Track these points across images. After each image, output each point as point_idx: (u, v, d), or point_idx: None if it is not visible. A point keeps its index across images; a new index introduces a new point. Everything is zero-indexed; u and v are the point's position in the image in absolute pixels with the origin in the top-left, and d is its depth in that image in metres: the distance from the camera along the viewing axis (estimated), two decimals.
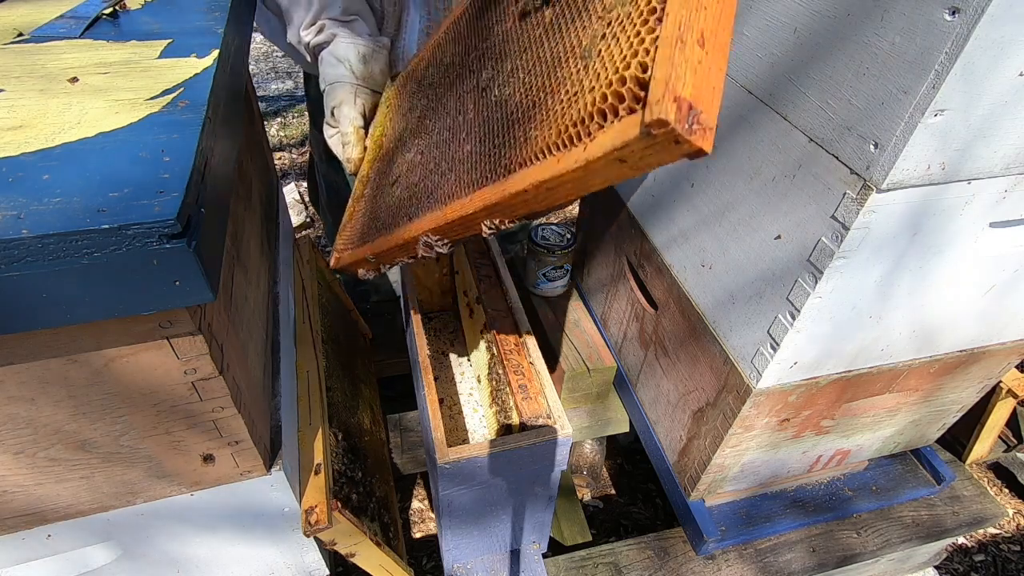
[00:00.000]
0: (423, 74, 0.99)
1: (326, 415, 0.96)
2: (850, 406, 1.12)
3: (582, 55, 0.51)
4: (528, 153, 0.53)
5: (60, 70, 0.68)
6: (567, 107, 0.49)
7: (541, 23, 0.65)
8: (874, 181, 0.71)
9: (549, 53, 0.59)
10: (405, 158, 0.87)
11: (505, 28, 0.73)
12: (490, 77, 0.70)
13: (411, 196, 0.79)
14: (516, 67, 0.66)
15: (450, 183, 0.69)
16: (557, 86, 0.54)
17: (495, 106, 0.67)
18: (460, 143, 0.71)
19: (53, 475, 0.64)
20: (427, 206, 0.72)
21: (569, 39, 0.56)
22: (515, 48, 0.69)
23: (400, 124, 0.97)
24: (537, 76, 0.59)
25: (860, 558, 1.32)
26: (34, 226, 0.43)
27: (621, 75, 0.43)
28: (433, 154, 0.78)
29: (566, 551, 1.35)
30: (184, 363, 0.58)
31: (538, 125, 0.53)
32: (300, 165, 3.54)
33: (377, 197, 0.92)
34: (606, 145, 0.42)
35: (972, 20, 0.57)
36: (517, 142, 0.57)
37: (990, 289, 0.93)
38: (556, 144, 0.49)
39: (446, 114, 0.79)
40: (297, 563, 0.92)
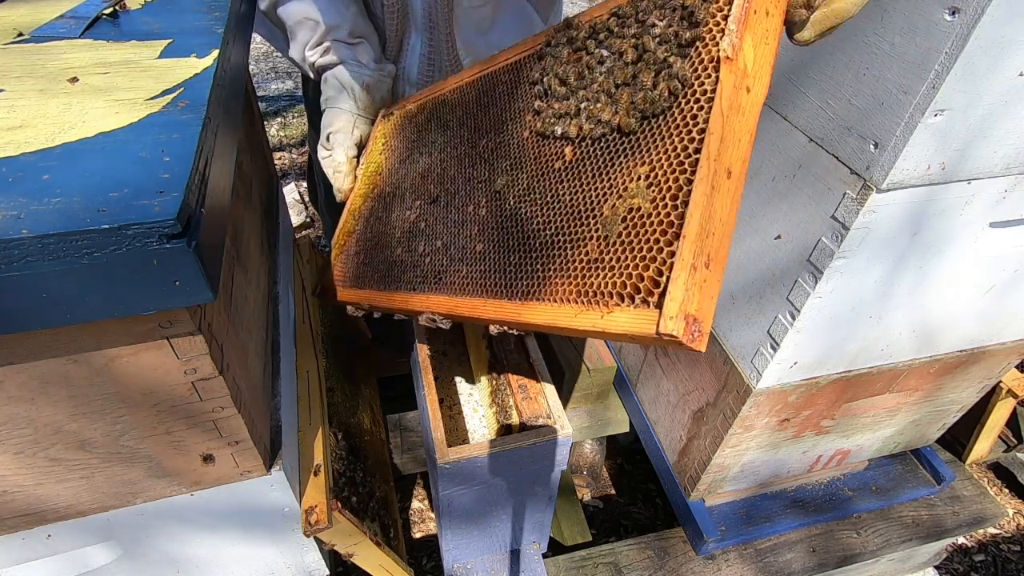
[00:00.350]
0: (423, 124, 0.98)
1: (326, 415, 0.96)
2: (850, 406, 1.12)
3: (603, 225, 0.56)
4: (546, 293, 0.59)
5: (60, 70, 0.68)
6: (586, 271, 0.56)
7: (561, 157, 0.67)
8: (874, 181, 0.71)
9: (568, 197, 0.62)
10: (404, 215, 0.88)
11: (521, 136, 0.75)
12: (506, 185, 0.72)
13: (414, 265, 0.81)
14: (534, 189, 0.68)
15: (461, 276, 0.72)
16: (576, 240, 0.59)
17: (511, 218, 0.69)
18: (472, 237, 0.73)
19: (53, 475, 0.64)
20: (435, 287, 0.75)
21: (589, 196, 0.60)
22: (532, 167, 0.70)
23: (397, 170, 0.97)
24: (556, 215, 0.63)
25: (860, 558, 1.32)
26: (34, 226, 0.43)
27: (640, 273, 0.50)
28: (438, 229, 0.80)
29: (566, 551, 1.35)
30: (184, 363, 0.58)
31: (557, 270, 0.59)
32: (300, 165, 3.54)
33: (372, 242, 0.93)
34: (621, 325, 0.50)
35: (972, 20, 0.57)
36: (535, 273, 0.61)
37: (990, 289, 0.93)
38: (574, 299, 0.55)
39: (455, 194, 0.81)
40: (297, 563, 0.92)
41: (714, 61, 0.54)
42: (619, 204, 0.56)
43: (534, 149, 0.71)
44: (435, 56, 1.23)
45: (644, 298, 0.49)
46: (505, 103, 0.82)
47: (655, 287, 0.48)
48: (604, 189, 0.58)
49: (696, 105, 0.53)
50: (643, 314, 0.48)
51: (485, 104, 0.86)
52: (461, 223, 0.77)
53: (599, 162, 0.61)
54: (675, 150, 0.53)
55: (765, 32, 0.55)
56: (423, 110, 1.01)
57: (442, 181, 0.85)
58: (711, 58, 0.54)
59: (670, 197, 0.51)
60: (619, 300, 0.51)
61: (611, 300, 0.52)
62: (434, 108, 0.98)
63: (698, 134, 0.52)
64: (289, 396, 0.92)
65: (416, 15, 1.17)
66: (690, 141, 0.52)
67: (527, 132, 0.74)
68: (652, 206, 0.52)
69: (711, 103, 0.52)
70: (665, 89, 0.56)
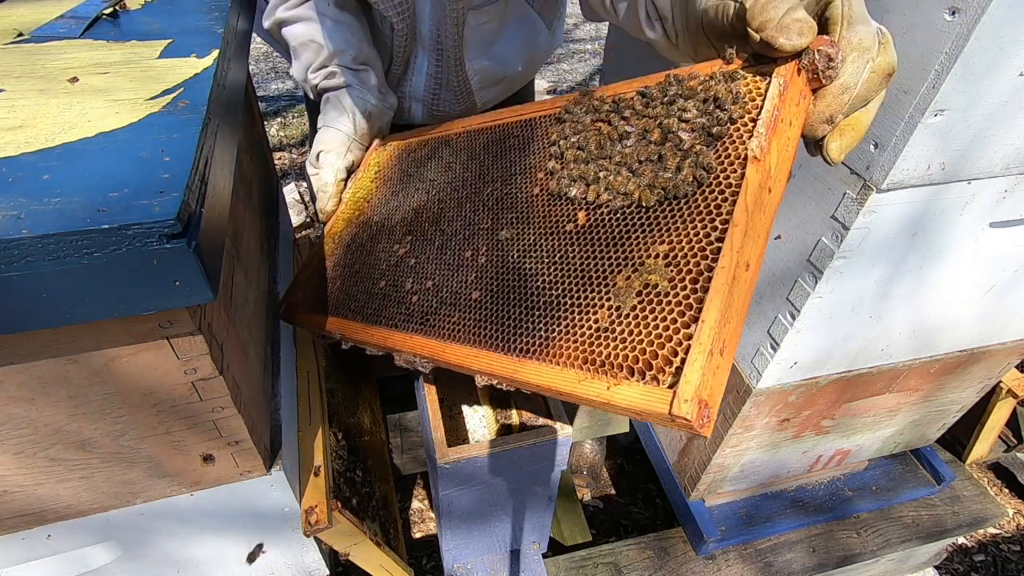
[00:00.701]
0: (423, 160, 0.98)
1: (326, 415, 0.96)
2: (850, 406, 1.12)
3: (615, 295, 0.57)
4: (548, 354, 0.58)
5: (60, 70, 0.68)
6: (594, 339, 0.56)
7: (573, 220, 0.67)
8: (874, 181, 0.71)
9: (578, 261, 0.63)
10: (392, 248, 0.87)
11: (531, 191, 0.75)
12: (511, 238, 0.72)
13: (399, 302, 0.79)
14: (541, 246, 0.68)
15: (452, 322, 0.70)
16: (585, 305, 0.59)
17: (513, 272, 0.68)
18: (467, 283, 0.72)
19: (53, 475, 0.64)
20: (420, 328, 0.74)
21: (601, 263, 0.61)
22: (541, 224, 0.71)
23: (388, 200, 0.96)
24: (564, 277, 0.63)
25: (860, 558, 1.32)
26: (34, 226, 0.43)
27: (655, 350, 0.51)
28: (429, 269, 0.79)
29: (566, 551, 1.35)
30: (184, 363, 0.58)
31: (562, 333, 0.59)
32: (300, 165, 3.54)
33: (352, 269, 0.91)
34: (628, 399, 0.50)
35: (972, 20, 0.57)
36: (537, 331, 0.61)
37: (990, 289, 0.93)
38: (579, 365, 0.55)
39: (452, 236, 0.80)
40: (297, 563, 0.92)
41: (741, 158, 0.57)
42: (635, 277, 0.56)
43: (544, 207, 0.72)
44: (442, 75, 1.23)
45: (655, 375, 0.50)
46: (516, 156, 0.82)
47: (667, 366, 0.49)
48: (618, 259, 0.60)
49: (720, 196, 0.56)
50: (654, 392, 0.49)
51: (494, 153, 0.86)
52: (456, 267, 0.76)
53: (614, 232, 0.62)
54: (697, 235, 0.55)
55: (787, 140, 0.57)
56: (424, 146, 1.00)
57: (438, 221, 0.84)
58: (738, 154, 0.57)
59: (690, 280, 0.53)
60: (628, 374, 0.51)
61: (620, 372, 0.52)
62: (437, 147, 0.97)
63: (721, 224, 0.54)
64: (289, 396, 0.92)
65: (424, 39, 1.16)
66: (713, 229, 0.54)
67: (537, 189, 0.74)
68: (670, 285, 0.53)
69: (735, 196, 0.54)
70: (690, 175, 0.58)
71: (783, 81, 0.57)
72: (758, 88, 0.60)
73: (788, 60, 0.57)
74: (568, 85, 4.74)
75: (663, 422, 0.48)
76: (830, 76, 0.55)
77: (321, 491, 0.83)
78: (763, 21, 0.55)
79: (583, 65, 5.12)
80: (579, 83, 4.79)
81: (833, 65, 0.54)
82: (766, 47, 0.56)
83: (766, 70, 0.59)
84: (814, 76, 0.56)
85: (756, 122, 0.57)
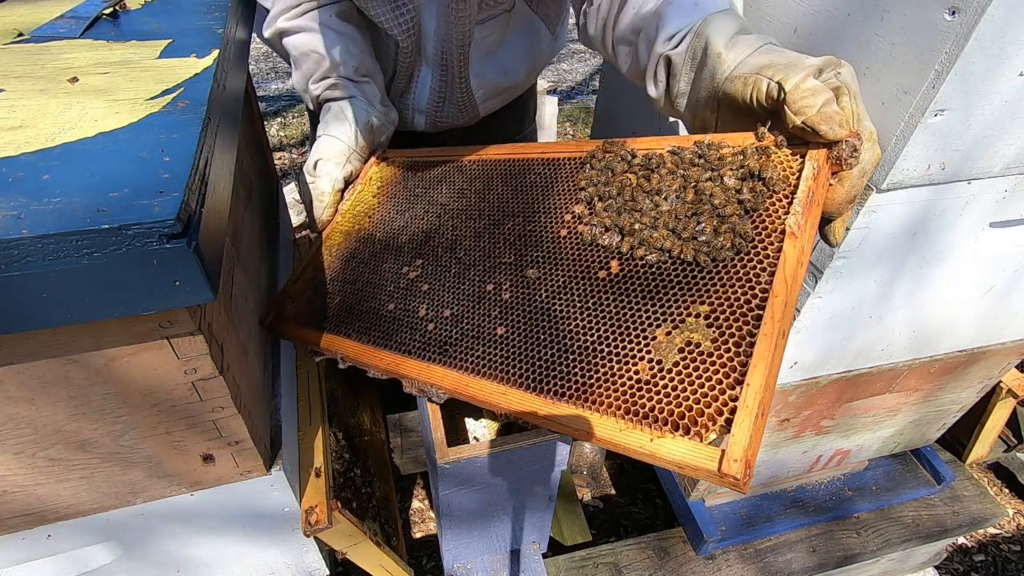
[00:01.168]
0: (433, 182, 0.96)
1: (326, 415, 0.96)
2: (850, 406, 1.12)
3: (655, 349, 0.59)
4: (586, 400, 0.59)
5: (60, 70, 0.68)
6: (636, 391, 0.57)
7: (605, 267, 0.68)
8: (874, 181, 0.71)
9: (613, 309, 0.65)
10: (401, 271, 0.85)
11: (557, 233, 0.76)
12: (539, 279, 0.72)
13: (412, 328, 0.77)
14: (571, 290, 0.69)
15: (477, 356, 0.70)
16: (623, 355, 0.60)
17: (543, 312, 0.69)
18: (491, 318, 0.72)
19: (53, 475, 0.64)
20: (440, 359, 0.72)
21: (638, 315, 0.62)
22: (570, 267, 0.71)
23: (394, 219, 0.94)
24: (598, 323, 0.64)
25: (860, 558, 1.32)
26: (34, 226, 0.43)
27: (701, 408, 0.53)
28: (446, 298, 0.77)
29: (566, 551, 1.35)
30: (184, 363, 0.58)
31: (601, 380, 0.60)
32: (300, 165, 3.54)
33: (354, 286, 0.88)
34: (674, 453, 0.52)
35: (972, 20, 0.57)
36: (572, 375, 0.62)
37: (990, 289, 0.93)
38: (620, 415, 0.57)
39: (469, 267, 0.79)
40: (297, 563, 0.92)
41: (778, 232, 0.61)
42: (676, 334, 0.59)
43: (573, 251, 0.73)
44: (446, 90, 1.22)
45: (699, 432, 0.52)
46: (538, 194, 0.82)
47: (712, 423, 0.52)
48: (656, 313, 0.62)
49: (759, 265, 0.60)
50: (701, 449, 0.51)
51: (513, 187, 0.86)
52: (477, 299, 0.75)
53: (650, 285, 0.64)
54: (738, 301, 0.58)
55: (816, 218, 0.62)
56: (434, 168, 0.98)
57: (454, 249, 0.83)
58: (775, 228, 0.61)
59: (733, 343, 0.55)
60: (672, 428, 0.53)
61: (664, 427, 0.54)
62: (449, 171, 0.96)
63: (761, 292, 0.57)
64: (289, 396, 0.92)
65: (428, 55, 1.15)
66: (753, 297, 0.58)
67: (565, 231, 0.75)
68: (713, 346, 0.56)
69: (773, 267, 0.58)
70: (728, 241, 0.62)
71: (816, 165, 0.62)
72: (791, 167, 0.64)
73: (821, 145, 0.63)
74: (568, 85, 4.74)
75: (708, 477, 0.51)
76: (851, 164, 0.61)
77: (321, 491, 0.83)
78: (804, 107, 0.61)
79: (583, 65, 5.12)
80: (579, 83, 4.79)
81: (856, 154, 0.61)
82: (804, 131, 0.62)
83: (798, 151, 0.65)
84: (837, 161, 0.62)
85: (791, 199, 0.62)
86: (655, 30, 0.79)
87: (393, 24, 1.07)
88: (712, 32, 0.73)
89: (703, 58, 0.73)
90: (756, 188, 0.64)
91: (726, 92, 0.70)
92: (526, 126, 1.56)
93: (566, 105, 4.34)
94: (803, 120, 0.61)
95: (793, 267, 0.58)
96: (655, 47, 0.79)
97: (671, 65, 0.78)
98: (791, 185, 0.63)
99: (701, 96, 0.75)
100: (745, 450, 0.49)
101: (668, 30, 0.77)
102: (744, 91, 0.67)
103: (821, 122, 0.60)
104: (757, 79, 0.66)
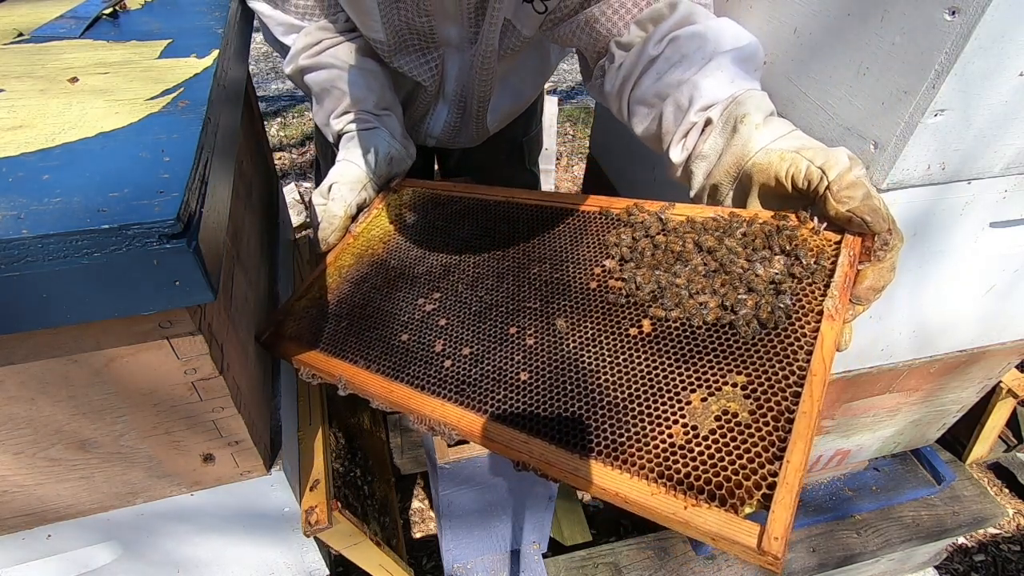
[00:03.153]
0: (455, 216, 0.96)
1: (326, 415, 0.96)
2: (850, 406, 1.12)
3: (690, 414, 0.58)
4: (616, 459, 0.57)
5: (60, 70, 0.68)
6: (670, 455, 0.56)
7: (637, 325, 0.68)
8: (874, 181, 0.71)
9: (645, 369, 0.64)
10: (417, 302, 0.83)
11: (587, 284, 0.75)
12: (567, 329, 0.71)
13: (427, 362, 0.74)
14: (601, 344, 0.68)
15: (498, 401, 0.67)
16: (655, 416, 0.59)
17: (570, 363, 0.67)
18: (514, 362, 0.70)
19: (53, 475, 0.64)
20: (457, 399, 0.69)
21: (671, 377, 0.62)
22: (600, 320, 0.71)
23: (410, 248, 0.93)
24: (629, 381, 0.63)
25: (860, 558, 1.32)
26: (34, 226, 0.43)
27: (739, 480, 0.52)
28: (464, 336, 0.75)
29: (566, 551, 1.35)
30: (184, 363, 0.58)
31: (632, 440, 0.58)
32: (300, 165, 3.54)
33: (363, 312, 0.86)
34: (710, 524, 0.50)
35: (972, 20, 0.57)
36: (602, 432, 0.60)
37: (990, 289, 0.93)
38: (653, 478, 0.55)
39: (492, 307, 0.78)
40: (297, 563, 0.92)
41: (815, 312, 0.62)
42: (712, 401, 0.58)
43: (603, 305, 0.72)
44: (461, 123, 1.26)
45: (735, 504, 0.51)
46: (566, 243, 0.82)
47: (749, 497, 0.51)
48: (690, 377, 0.61)
49: (797, 343, 0.60)
50: (740, 523, 0.50)
51: (541, 233, 0.85)
52: (499, 341, 0.73)
53: (684, 349, 0.64)
54: (776, 376, 0.58)
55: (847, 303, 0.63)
56: (456, 203, 0.98)
57: (475, 287, 0.82)
58: (812, 308, 0.62)
59: (772, 418, 0.55)
60: (708, 498, 0.52)
61: (699, 495, 0.52)
62: (473, 208, 0.95)
63: (799, 370, 0.58)
64: (289, 396, 0.92)
65: (448, 95, 1.17)
66: (791, 373, 0.58)
67: (595, 283, 0.75)
68: (752, 418, 0.56)
69: (811, 346, 0.59)
70: (766, 315, 0.63)
71: (852, 252, 0.65)
72: (827, 251, 0.66)
73: (856, 234, 0.65)
74: (568, 85, 4.74)
75: (744, 553, 0.50)
76: (880, 256, 0.64)
77: (321, 491, 0.83)
78: (848, 196, 0.63)
79: None
80: (579, 83, 4.79)
81: (886, 247, 0.64)
82: (848, 220, 0.64)
83: (830, 236, 0.67)
84: (867, 252, 0.65)
85: (828, 282, 0.64)
86: (688, 99, 0.80)
87: (418, 72, 1.10)
88: (752, 106, 0.75)
89: (736, 126, 0.75)
90: (795, 269, 0.66)
91: (757, 162, 0.72)
92: (532, 128, 1.57)
93: (566, 105, 4.34)
94: (848, 209, 0.63)
95: (830, 348, 0.59)
96: (688, 115, 0.80)
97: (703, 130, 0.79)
98: (826, 269, 0.65)
99: (724, 163, 0.76)
100: (786, 528, 0.48)
101: (704, 100, 0.78)
102: (780, 166, 0.69)
103: (868, 213, 0.62)
104: (796, 158, 0.68)
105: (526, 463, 0.62)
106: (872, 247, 0.64)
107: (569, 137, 3.91)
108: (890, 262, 0.65)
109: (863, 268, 0.65)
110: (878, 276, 0.65)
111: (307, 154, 3.63)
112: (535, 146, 1.64)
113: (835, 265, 0.64)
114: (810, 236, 0.68)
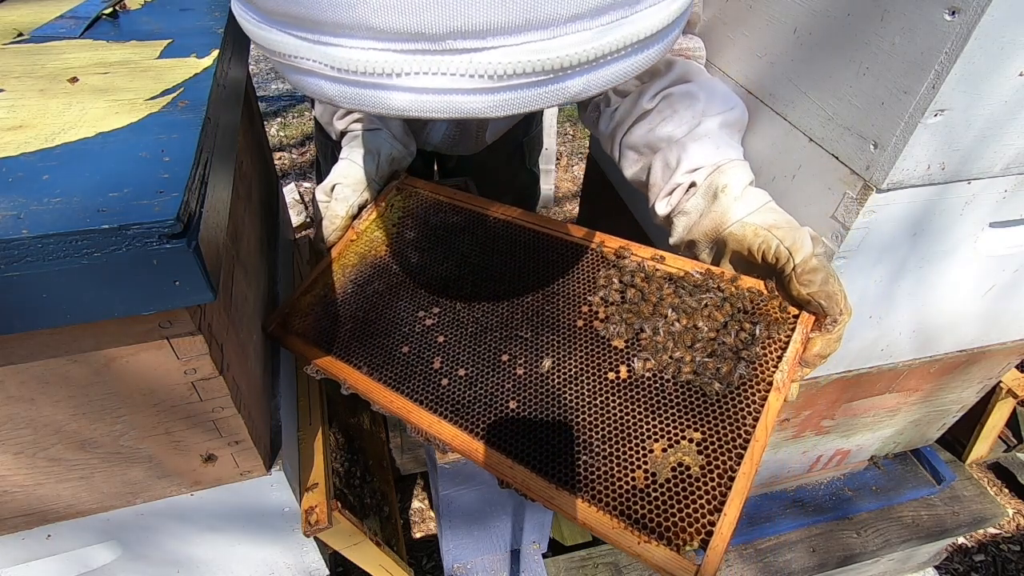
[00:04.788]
0: (456, 228, 0.97)
1: (326, 415, 0.96)
2: (850, 406, 1.12)
3: (651, 462, 0.65)
4: (587, 494, 0.65)
5: (60, 70, 0.68)
6: (631, 497, 0.63)
7: (615, 370, 0.74)
8: (874, 181, 0.71)
9: (618, 413, 0.70)
10: (418, 315, 0.86)
11: (573, 322, 0.80)
12: (552, 367, 0.76)
13: (425, 378, 0.79)
14: (581, 383, 0.74)
15: (488, 424, 0.73)
16: (623, 460, 0.66)
17: (554, 398, 0.73)
18: (504, 390, 0.75)
19: (53, 475, 0.64)
20: (452, 417, 0.75)
21: (640, 425, 0.69)
22: (582, 359, 0.76)
23: (412, 255, 0.95)
24: (604, 423, 0.70)
25: (860, 558, 1.32)
26: (34, 226, 0.43)
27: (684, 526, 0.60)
28: (461, 356, 0.80)
29: (566, 551, 1.35)
30: (184, 363, 0.58)
31: (601, 479, 0.66)
32: (300, 165, 3.54)
33: (366, 315, 0.88)
34: (656, 559, 0.59)
35: (972, 20, 0.57)
36: (576, 467, 0.67)
37: (990, 289, 0.93)
38: (616, 515, 0.63)
39: (487, 329, 0.82)
40: (297, 563, 0.92)
41: (766, 382, 0.69)
42: (671, 453, 0.65)
43: (587, 344, 0.78)
44: (460, 135, 1.29)
45: (679, 544, 0.59)
46: (557, 274, 0.86)
47: (692, 540, 0.59)
48: (655, 428, 0.68)
49: (746, 408, 0.67)
50: (681, 562, 0.59)
51: (535, 259, 0.89)
52: (492, 366, 0.78)
53: (652, 400, 0.70)
54: (726, 437, 0.65)
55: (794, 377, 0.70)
56: (458, 212, 1.00)
57: (471, 307, 0.85)
58: (764, 378, 0.69)
59: (718, 475, 0.63)
60: (657, 538, 0.60)
61: (651, 535, 0.60)
62: (473, 221, 0.97)
63: (745, 434, 0.65)
64: (289, 396, 0.92)
65: None
66: (738, 436, 0.65)
67: (581, 322, 0.80)
68: (701, 472, 0.63)
69: (759, 413, 0.66)
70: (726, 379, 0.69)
71: (805, 330, 0.72)
72: (785, 326, 0.73)
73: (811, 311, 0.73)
74: None
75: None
76: (829, 329, 0.72)
77: (321, 491, 0.83)
78: (809, 280, 0.71)
79: None
80: None
81: (834, 325, 0.72)
82: (805, 301, 0.72)
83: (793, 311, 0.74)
84: (817, 327, 0.73)
85: (781, 355, 0.70)
86: (676, 160, 0.86)
87: None
88: (732, 177, 0.81)
89: (717, 194, 0.81)
90: (762, 337, 0.72)
91: (732, 233, 0.79)
92: (532, 128, 1.57)
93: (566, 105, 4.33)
94: (808, 292, 0.71)
95: (773, 417, 0.66)
96: (675, 175, 0.86)
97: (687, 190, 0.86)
98: (781, 341, 0.72)
99: (703, 225, 0.83)
100: (715, 569, 0.57)
101: (691, 163, 0.85)
102: (754, 241, 0.76)
103: (824, 299, 0.70)
104: (768, 236, 0.75)
105: (510, 483, 0.68)
106: (824, 324, 0.72)
107: (569, 137, 3.91)
108: (838, 334, 0.72)
109: (813, 337, 0.72)
110: (826, 345, 0.73)
111: (307, 154, 3.63)
112: (535, 146, 1.64)
113: (789, 340, 0.72)
114: (774, 309, 0.75)
